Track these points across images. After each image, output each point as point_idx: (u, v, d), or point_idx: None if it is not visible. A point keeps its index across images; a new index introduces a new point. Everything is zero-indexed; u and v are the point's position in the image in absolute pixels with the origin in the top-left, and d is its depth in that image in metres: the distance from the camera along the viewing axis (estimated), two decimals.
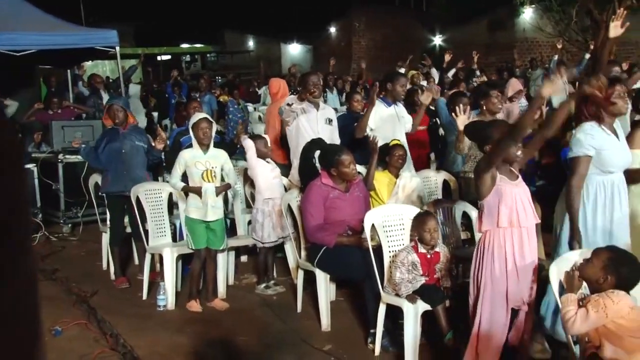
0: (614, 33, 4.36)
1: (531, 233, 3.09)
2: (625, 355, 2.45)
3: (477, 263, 3.13)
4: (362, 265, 3.84)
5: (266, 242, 4.87)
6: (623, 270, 2.60)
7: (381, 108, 5.35)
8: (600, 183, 3.42)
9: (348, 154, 4.21)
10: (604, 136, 3.36)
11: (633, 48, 17.94)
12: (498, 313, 3.09)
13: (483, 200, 3.07)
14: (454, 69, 11.45)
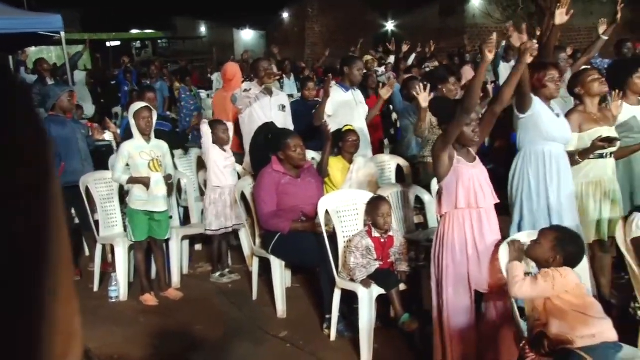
0: (560, 20, 4.47)
1: (490, 214, 3.12)
2: (569, 329, 2.54)
3: (438, 246, 3.15)
4: (317, 251, 3.85)
5: (209, 230, 4.83)
6: (569, 248, 2.70)
7: (339, 93, 5.34)
8: (541, 153, 3.56)
9: (295, 139, 4.19)
10: (541, 105, 3.54)
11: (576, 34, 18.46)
12: (461, 297, 3.10)
13: (442, 182, 3.09)
14: (413, 55, 11.54)
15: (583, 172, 3.83)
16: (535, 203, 3.57)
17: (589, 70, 4.22)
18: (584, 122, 3.86)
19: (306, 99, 6.35)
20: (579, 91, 3.96)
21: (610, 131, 3.85)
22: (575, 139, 3.81)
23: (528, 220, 3.55)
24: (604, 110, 4.01)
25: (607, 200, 3.81)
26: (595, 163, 3.81)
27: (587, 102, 3.94)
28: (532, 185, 3.57)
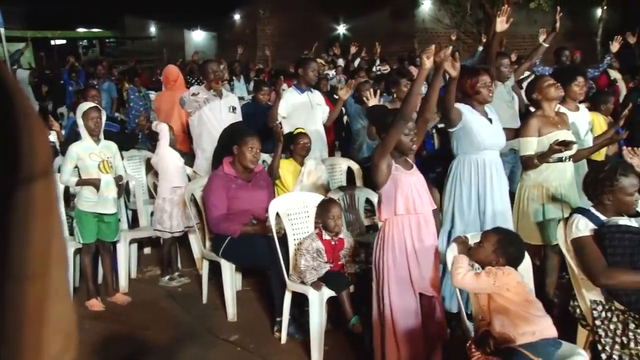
0: (500, 27, 4.63)
1: (428, 219, 3.20)
2: (511, 327, 2.63)
3: (378, 251, 3.21)
4: (268, 254, 3.85)
5: (175, 231, 4.77)
6: (511, 250, 2.79)
7: (294, 95, 5.34)
8: (474, 161, 3.67)
9: (255, 140, 4.17)
10: (471, 114, 3.62)
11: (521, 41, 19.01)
12: (407, 299, 3.15)
13: (381, 190, 3.14)
14: (358, 58, 11.67)
15: (543, 176, 3.93)
16: (467, 211, 3.66)
17: (545, 76, 4.36)
18: (543, 126, 3.96)
19: (260, 102, 6.34)
20: (536, 96, 4.06)
21: (568, 134, 3.97)
22: (535, 142, 3.91)
23: (459, 228, 3.64)
24: (561, 115, 4.15)
25: (566, 204, 3.91)
26: (554, 167, 3.91)
27: (545, 107, 4.04)
28: (464, 193, 3.66)
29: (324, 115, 5.48)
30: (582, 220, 2.96)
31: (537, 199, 3.93)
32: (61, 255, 0.55)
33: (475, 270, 2.83)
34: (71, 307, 0.57)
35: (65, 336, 0.55)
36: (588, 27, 18.31)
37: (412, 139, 3.13)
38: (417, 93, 3.08)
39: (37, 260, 0.52)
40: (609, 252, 2.80)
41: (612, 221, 2.89)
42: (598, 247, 2.86)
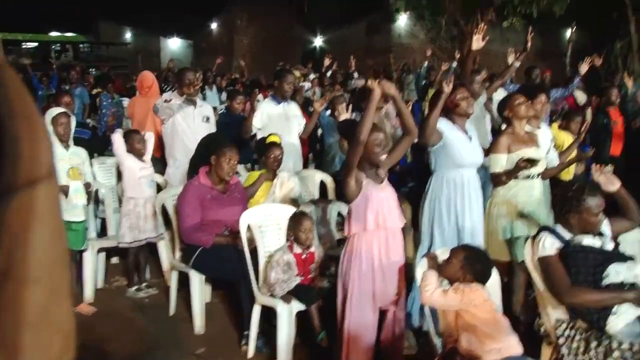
0: (476, 45, 4.72)
1: (396, 234, 3.23)
2: (478, 344, 2.65)
3: (345, 264, 3.22)
4: (238, 266, 3.82)
5: (122, 242, 4.70)
6: (478, 266, 2.82)
7: (270, 106, 5.35)
8: (452, 178, 3.71)
9: (234, 151, 4.13)
10: (452, 131, 3.66)
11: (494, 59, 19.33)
12: (366, 313, 3.18)
13: (351, 204, 3.16)
14: (330, 71, 11.72)
15: (512, 192, 3.98)
16: (446, 227, 3.70)
17: (516, 94, 4.43)
18: (512, 143, 4.02)
19: (234, 111, 6.32)
20: (507, 114, 4.13)
21: (537, 152, 4.03)
22: (504, 159, 3.96)
23: (439, 245, 3.66)
24: (531, 133, 4.21)
25: (533, 220, 3.96)
26: (523, 184, 3.97)
27: (515, 125, 4.10)
28: (443, 210, 3.70)
29: (300, 128, 5.49)
30: (549, 238, 3.00)
31: (506, 215, 3.98)
32: (63, 258, 0.56)
33: (443, 287, 2.85)
34: (70, 309, 0.57)
35: (65, 337, 0.56)
36: (558, 47, 18.72)
37: (380, 151, 3.16)
38: (370, 116, 3.03)
39: (39, 263, 0.52)
40: (573, 271, 2.85)
41: (577, 240, 2.94)
42: (563, 265, 2.90)
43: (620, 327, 2.77)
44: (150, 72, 6.81)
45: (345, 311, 3.19)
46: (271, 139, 4.86)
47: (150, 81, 6.23)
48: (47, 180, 0.53)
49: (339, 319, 3.27)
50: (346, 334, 3.18)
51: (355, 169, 3.07)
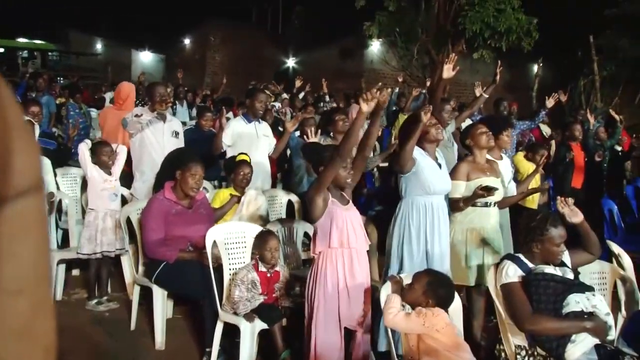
0: (447, 74, 4.82)
1: (361, 255, 3.25)
2: None
3: (311, 284, 3.22)
4: (202, 283, 3.78)
5: (80, 253, 4.63)
6: (440, 291, 2.86)
7: (240, 124, 5.35)
8: (422, 205, 3.76)
9: (199, 165, 4.11)
10: (424, 157, 3.72)
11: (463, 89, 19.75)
12: (331, 333, 3.17)
13: (316, 223, 3.17)
14: (303, 92, 11.80)
15: (468, 218, 4.05)
16: (415, 253, 3.73)
17: (478, 124, 4.51)
18: (472, 171, 4.10)
19: (202, 128, 6.30)
20: (469, 142, 4.22)
21: (496, 182, 4.11)
22: (463, 186, 4.03)
23: (408, 270, 3.68)
24: (492, 162, 4.30)
25: (488, 247, 4.04)
26: (480, 211, 4.04)
27: (476, 153, 4.19)
28: (412, 236, 3.73)
29: (270, 147, 5.50)
30: (512, 266, 3.06)
31: (462, 241, 4.05)
32: (47, 271, 0.56)
33: (406, 311, 2.87)
34: (53, 323, 0.57)
35: (46, 352, 0.56)
36: (525, 81, 19.25)
37: (349, 173, 3.19)
38: (356, 133, 3.11)
39: (25, 276, 0.52)
40: (535, 299, 2.90)
41: (539, 269, 3.00)
42: (525, 293, 2.96)
43: (577, 355, 2.82)
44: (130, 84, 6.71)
45: (311, 331, 3.19)
46: (240, 158, 4.86)
47: (126, 94, 6.15)
48: (36, 192, 0.53)
49: (306, 338, 3.26)
50: (312, 354, 3.17)
51: (325, 189, 3.09)
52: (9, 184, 0.51)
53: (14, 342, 0.52)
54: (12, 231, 0.51)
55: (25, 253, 0.52)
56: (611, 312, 2.99)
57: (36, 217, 0.53)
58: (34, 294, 0.53)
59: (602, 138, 7.63)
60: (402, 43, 15.66)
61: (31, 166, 0.53)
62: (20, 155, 0.51)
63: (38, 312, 0.54)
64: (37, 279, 0.54)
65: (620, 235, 6.32)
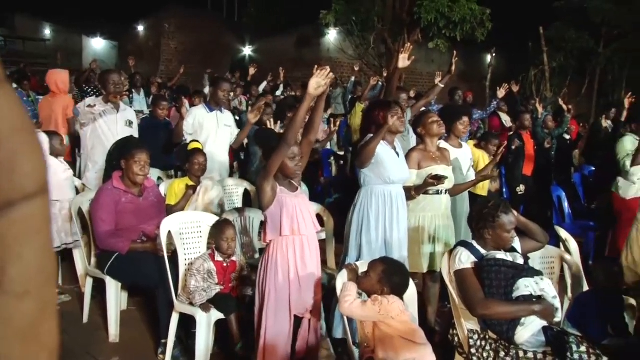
0: (402, 64, 4.86)
1: (312, 242, 3.25)
2: (393, 354, 2.72)
3: (262, 272, 3.22)
4: (156, 273, 3.74)
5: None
6: (395, 279, 2.90)
7: (201, 113, 5.29)
8: (381, 193, 3.79)
9: (143, 153, 4.03)
10: (383, 148, 3.73)
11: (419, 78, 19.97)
12: (281, 321, 3.17)
13: (266, 211, 3.16)
14: (264, 82, 11.72)
15: (420, 206, 4.11)
16: (374, 241, 3.76)
17: (429, 112, 4.57)
18: (423, 160, 4.15)
19: (158, 117, 6.19)
20: (420, 131, 4.27)
21: (446, 170, 4.17)
22: (414, 175, 4.09)
23: (366, 256, 3.71)
24: (443, 150, 4.36)
25: (440, 234, 4.12)
26: (431, 198, 4.10)
27: (427, 142, 4.25)
28: (371, 224, 3.76)
29: (232, 137, 5.46)
30: (465, 253, 3.13)
31: (415, 228, 4.11)
32: (53, 273, 0.56)
33: (362, 298, 2.91)
34: (57, 325, 0.57)
35: (50, 353, 0.56)
36: (479, 70, 19.58)
37: (297, 164, 3.19)
38: (301, 118, 3.06)
39: (31, 277, 0.53)
40: (487, 284, 2.98)
41: (490, 255, 3.08)
42: (477, 279, 3.03)
43: (526, 337, 2.91)
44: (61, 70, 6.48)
45: (262, 319, 3.19)
46: (193, 146, 4.81)
47: (52, 81, 6.01)
48: (42, 194, 0.53)
49: (256, 327, 3.26)
50: (262, 342, 3.17)
51: (272, 176, 3.09)
52: (16, 186, 0.51)
53: (19, 343, 0.52)
54: (19, 234, 0.51)
55: (31, 255, 0.53)
56: (558, 295, 3.09)
57: (42, 220, 0.54)
58: (40, 295, 0.53)
59: (550, 127, 7.84)
60: (359, 32, 15.70)
61: (37, 169, 0.53)
62: (27, 158, 0.52)
63: (44, 313, 0.54)
64: (43, 281, 0.54)
65: (568, 221, 6.54)
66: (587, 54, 18.97)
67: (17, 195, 0.51)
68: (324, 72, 3.01)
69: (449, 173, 4.19)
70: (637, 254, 3.92)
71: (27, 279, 0.52)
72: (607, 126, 8.57)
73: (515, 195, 6.84)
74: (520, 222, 3.33)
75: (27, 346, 0.53)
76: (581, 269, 3.66)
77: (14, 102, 0.52)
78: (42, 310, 0.54)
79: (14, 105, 0.52)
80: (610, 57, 19.12)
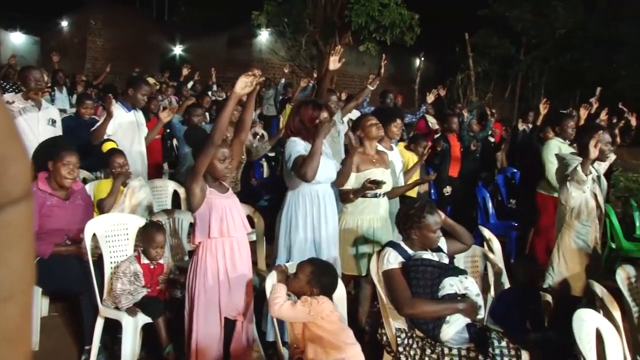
0: (333, 66, 4.92)
1: (242, 244, 3.24)
2: (323, 355, 2.75)
3: (192, 274, 3.17)
4: (81, 278, 3.61)
5: None
6: (324, 280, 2.92)
7: (120, 113, 5.15)
8: (308, 194, 3.79)
9: (72, 155, 3.88)
10: (307, 149, 3.71)
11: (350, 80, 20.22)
12: (211, 324, 3.14)
13: (195, 213, 3.12)
14: (191, 82, 11.55)
15: (359, 209, 4.13)
16: (303, 241, 3.75)
17: (368, 115, 4.61)
18: (362, 162, 4.18)
19: (82, 116, 5.99)
20: (359, 134, 4.30)
21: (385, 173, 4.23)
22: (353, 178, 4.12)
23: (296, 257, 3.70)
24: (382, 154, 4.41)
25: (379, 237, 4.13)
26: (370, 202, 4.13)
27: (366, 145, 4.27)
28: (300, 225, 3.74)
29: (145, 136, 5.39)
30: (393, 253, 3.19)
31: (353, 230, 4.15)
32: (33, 277, 0.55)
33: (292, 300, 2.91)
34: (32, 330, 0.56)
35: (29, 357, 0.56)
36: (408, 74, 20.03)
37: (227, 166, 3.17)
38: (227, 117, 3.04)
39: (15, 281, 0.52)
40: (414, 284, 3.05)
41: (417, 255, 3.15)
42: (405, 279, 3.10)
43: (451, 334, 3.01)
44: None
45: (192, 322, 3.14)
46: (109, 146, 4.66)
47: None
48: (27, 199, 0.53)
49: (186, 330, 3.21)
50: (194, 346, 3.13)
51: (201, 177, 3.05)
52: (2, 191, 0.51)
53: (5, 346, 0.51)
54: (4, 238, 0.51)
55: (16, 259, 0.52)
56: (481, 293, 3.21)
57: (27, 224, 0.54)
58: (22, 299, 0.53)
59: (475, 130, 8.12)
60: (291, 34, 15.71)
61: (23, 173, 0.53)
62: (13, 162, 0.51)
63: (25, 318, 0.54)
64: (25, 285, 0.54)
65: (492, 221, 6.79)
66: (509, 60, 19.80)
67: (5, 199, 0.51)
68: (253, 74, 3.02)
69: (387, 176, 4.24)
70: (569, 260, 4.04)
71: (12, 283, 0.52)
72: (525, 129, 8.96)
73: (443, 196, 7.04)
74: (447, 224, 3.43)
75: (12, 349, 0.52)
76: (503, 268, 3.82)
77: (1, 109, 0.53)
78: (24, 314, 0.54)
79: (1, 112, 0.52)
80: (530, 65, 20.02)
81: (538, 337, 3.24)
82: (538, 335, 3.27)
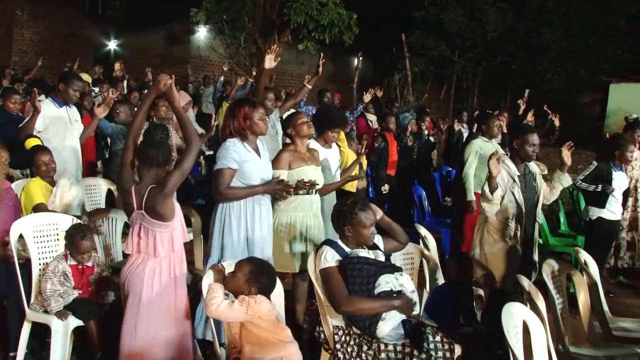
0: (269, 64, 4.92)
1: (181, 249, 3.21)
2: (260, 354, 2.74)
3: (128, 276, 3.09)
4: (5, 280, 3.47)
5: None
6: (262, 279, 2.91)
7: (51, 108, 4.99)
8: None
9: (3, 153, 3.70)
10: (246, 152, 3.69)
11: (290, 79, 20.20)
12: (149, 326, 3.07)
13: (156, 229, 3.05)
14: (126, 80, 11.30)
15: (292, 206, 4.13)
16: (236, 242, 3.70)
17: (299, 113, 4.62)
18: (294, 160, 4.18)
19: (9, 111, 5.73)
20: (290, 132, 4.31)
21: (316, 170, 4.25)
22: (285, 176, 4.10)
23: (229, 257, 3.63)
24: (312, 151, 4.42)
25: (311, 234, 4.16)
26: (302, 199, 4.14)
27: (297, 142, 4.29)
28: (233, 225, 3.68)
29: (79, 133, 5.21)
30: (330, 251, 3.20)
31: (286, 229, 4.15)
32: None
33: (229, 299, 2.88)
34: None
35: None
36: (347, 73, 20.18)
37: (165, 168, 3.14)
38: (143, 115, 3.27)
39: None
40: (350, 282, 3.08)
41: (354, 252, 3.18)
42: (342, 276, 3.12)
43: (387, 331, 3.06)
44: None
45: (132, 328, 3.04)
46: (32, 143, 4.49)
47: None
48: None
49: (122, 333, 3.10)
50: (128, 350, 3.03)
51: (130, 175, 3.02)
52: None
53: None
54: None
55: None
56: (417, 289, 3.27)
57: None
58: None
59: (414, 131, 8.27)
60: (230, 31, 15.54)
61: None
62: None
63: None
64: None
65: (428, 218, 6.94)
66: (444, 61, 20.27)
67: None
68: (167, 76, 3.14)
69: (319, 173, 4.27)
70: (489, 253, 4.19)
71: None
72: (460, 128, 9.22)
73: (380, 193, 7.15)
74: (384, 222, 3.47)
75: None
76: (438, 264, 3.91)
77: None
78: None
79: None
80: (464, 66, 20.58)
81: (469, 331, 3.33)
82: (469, 328, 3.36)
